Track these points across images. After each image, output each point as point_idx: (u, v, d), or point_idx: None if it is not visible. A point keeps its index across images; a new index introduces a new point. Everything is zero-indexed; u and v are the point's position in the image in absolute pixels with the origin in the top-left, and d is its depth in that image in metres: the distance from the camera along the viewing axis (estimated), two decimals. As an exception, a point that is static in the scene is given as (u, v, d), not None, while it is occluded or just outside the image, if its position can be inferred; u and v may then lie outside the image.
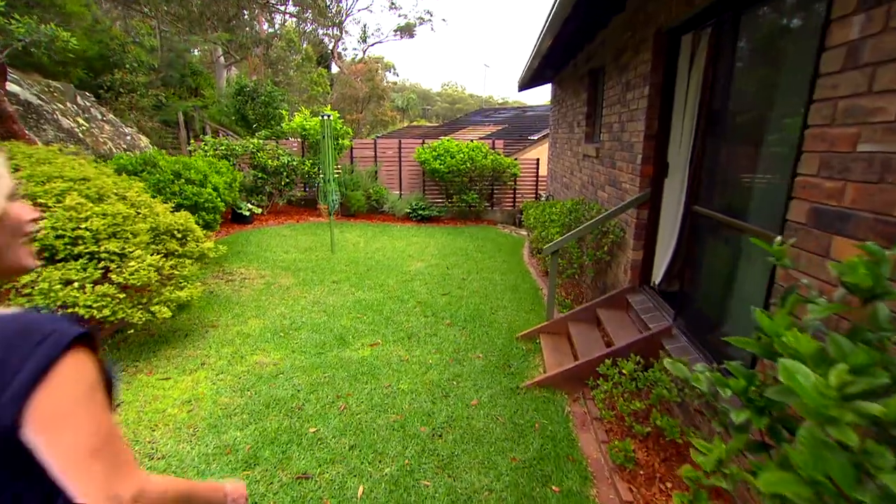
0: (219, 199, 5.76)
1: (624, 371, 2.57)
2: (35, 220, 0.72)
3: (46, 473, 0.57)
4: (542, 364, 3.62)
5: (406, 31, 31.46)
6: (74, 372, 0.59)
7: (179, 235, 3.73)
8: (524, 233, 9.41)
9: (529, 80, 8.55)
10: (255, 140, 9.28)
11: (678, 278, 3.38)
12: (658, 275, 3.59)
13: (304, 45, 18.50)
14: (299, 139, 10.39)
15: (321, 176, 7.24)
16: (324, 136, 6.64)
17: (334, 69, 30.13)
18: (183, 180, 5.30)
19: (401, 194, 10.84)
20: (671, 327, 2.96)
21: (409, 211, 10.11)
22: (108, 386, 0.68)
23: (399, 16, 33.10)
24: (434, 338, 4.16)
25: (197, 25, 14.32)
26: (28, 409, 0.55)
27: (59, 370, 0.57)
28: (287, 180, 9.49)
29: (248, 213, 8.83)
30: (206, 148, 8.81)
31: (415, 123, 31.37)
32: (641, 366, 2.71)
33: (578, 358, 3.40)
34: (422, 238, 8.53)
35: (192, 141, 9.14)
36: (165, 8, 13.47)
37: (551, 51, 5.71)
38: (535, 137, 13.28)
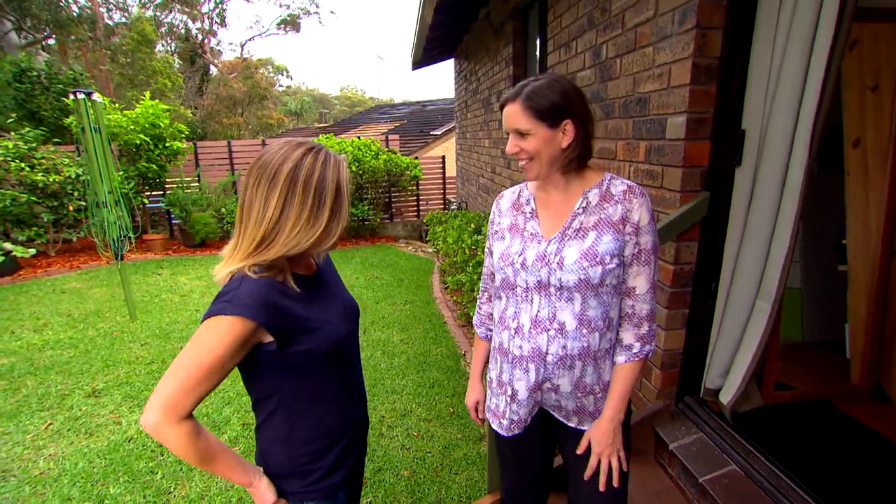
0: None
1: None
2: None
3: None
4: None
5: (290, 24, 28.22)
6: (211, 327, 0.82)
7: None
8: (432, 250, 7.33)
9: (424, 53, 6.47)
10: (10, 143, 5.97)
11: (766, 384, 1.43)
12: (728, 380, 1.62)
13: (146, 28, 14.53)
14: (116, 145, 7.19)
15: (90, 197, 4.42)
16: (84, 130, 3.86)
17: (213, 70, 25.71)
18: None
19: (270, 211, 8.12)
20: None
21: (279, 233, 7.46)
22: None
23: (281, 6, 29.27)
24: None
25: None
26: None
27: (208, 322, 0.82)
28: (79, 203, 6.31)
29: (1, 259, 5.55)
30: None
31: (302, 126, 28.15)
32: None
33: None
34: (293, 273, 5.99)
35: None
36: None
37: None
38: (439, 132, 11.31)
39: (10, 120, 8.16)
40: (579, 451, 1.10)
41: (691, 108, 1.47)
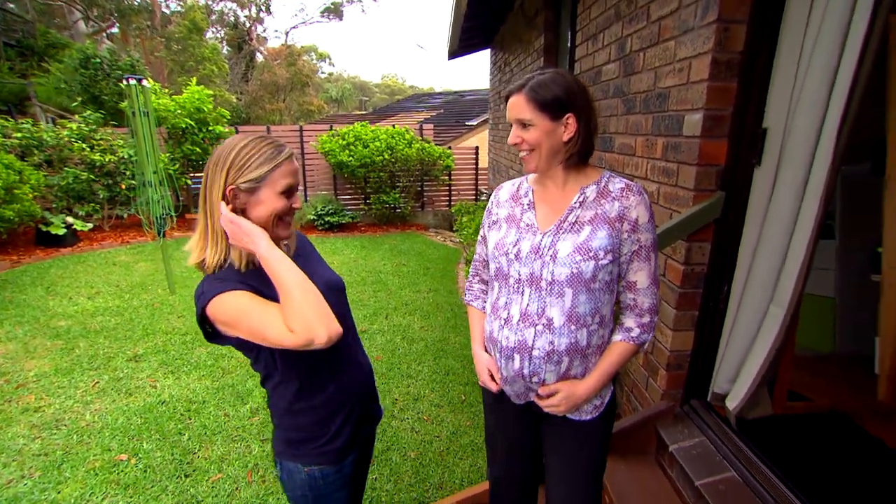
0: None
1: None
2: (296, 209, 1.02)
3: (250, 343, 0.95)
4: None
5: (334, 12, 28.74)
6: (215, 308, 0.91)
7: None
8: (460, 240, 7.36)
9: (460, 43, 6.44)
10: (74, 125, 6.44)
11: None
12: (736, 385, 1.59)
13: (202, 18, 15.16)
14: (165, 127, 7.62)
15: (137, 177, 4.71)
16: (134, 114, 4.13)
17: (258, 57, 26.57)
18: None
19: (306, 196, 8.39)
20: None
21: (313, 217, 7.72)
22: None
23: (324, -6, 29.74)
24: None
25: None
26: (209, 321, 0.94)
27: (207, 311, 0.92)
28: (131, 182, 6.75)
29: (63, 232, 6.04)
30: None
31: (341, 113, 28.65)
32: None
33: None
34: (324, 256, 6.19)
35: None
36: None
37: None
38: (474, 123, 11.26)
39: (74, 104, 8.78)
40: (543, 391, 1.10)
41: (709, 104, 1.43)
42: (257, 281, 0.96)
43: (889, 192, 1.81)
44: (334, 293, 1.11)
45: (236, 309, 0.90)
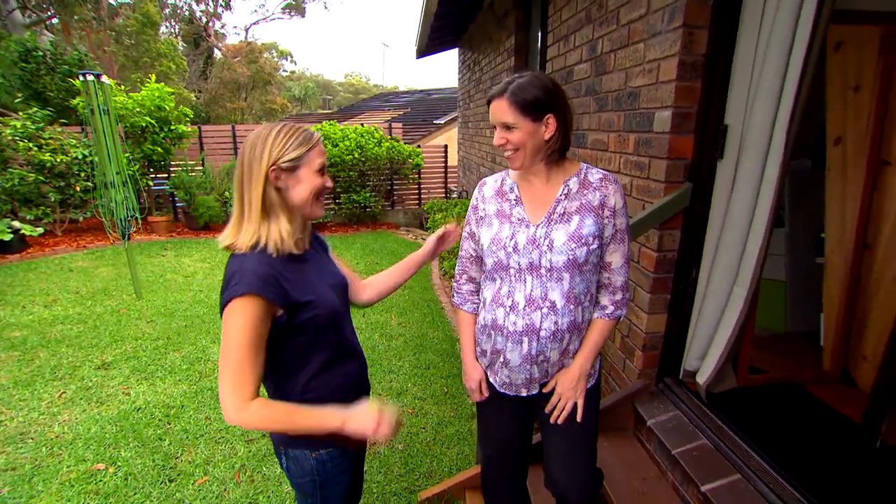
0: None
1: None
2: (329, 188, 1.06)
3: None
4: None
5: (295, 8, 28.05)
6: (233, 311, 0.91)
7: None
8: (435, 239, 7.42)
9: (428, 42, 6.49)
10: (18, 123, 6.05)
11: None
12: (705, 362, 1.73)
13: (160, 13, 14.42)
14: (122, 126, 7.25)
15: (98, 178, 4.52)
16: (93, 112, 3.94)
17: (217, 54, 25.49)
18: None
19: (273, 196, 8.20)
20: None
21: (282, 218, 7.55)
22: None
23: (286, -10, 28.71)
24: (247, 522, 1.92)
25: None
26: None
27: (230, 305, 0.92)
28: (86, 183, 6.41)
29: (9, 237, 5.67)
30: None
31: (305, 112, 28.03)
32: None
33: None
34: (295, 257, 6.10)
35: None
36: None
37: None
38: (442, 121, 11.33)
39: (16, 100, 8.22)
40: (545, 390, 1.23)
41: (677, 103, 1.56)
42: (289, 275, 0.98)
43: (829, 184, 2.01)
44: (341, 291, 1.16)
45: (235, 336, 0.91)
